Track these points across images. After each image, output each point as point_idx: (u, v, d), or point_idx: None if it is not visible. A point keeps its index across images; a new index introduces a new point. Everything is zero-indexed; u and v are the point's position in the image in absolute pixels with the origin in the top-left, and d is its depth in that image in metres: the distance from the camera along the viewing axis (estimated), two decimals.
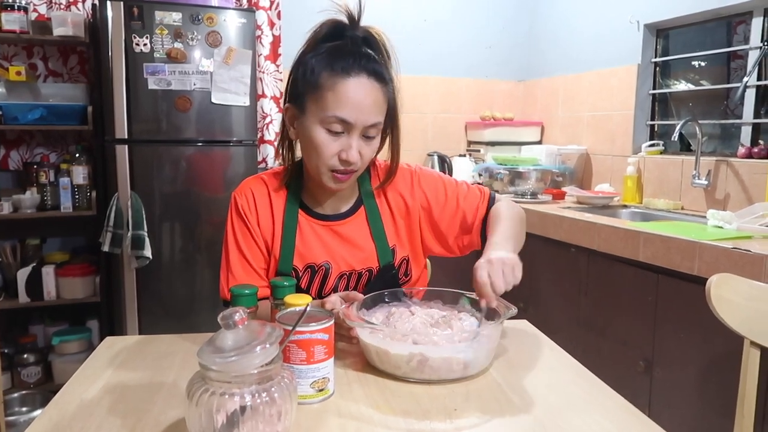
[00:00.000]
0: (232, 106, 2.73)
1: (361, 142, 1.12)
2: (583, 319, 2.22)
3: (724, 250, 1.63)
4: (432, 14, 3.58)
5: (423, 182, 1.28)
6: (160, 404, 0.89)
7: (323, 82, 1.09)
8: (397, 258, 1.26)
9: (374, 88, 1.10)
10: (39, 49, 2.90)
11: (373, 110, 1.10)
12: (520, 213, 1.29)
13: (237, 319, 0.74)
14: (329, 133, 1.11)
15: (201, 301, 2.79)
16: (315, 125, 1.11)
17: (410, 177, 1.28)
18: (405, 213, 1.28)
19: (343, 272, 1.24)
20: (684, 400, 1.80)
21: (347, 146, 1.10)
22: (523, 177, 2.89)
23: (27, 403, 2.70)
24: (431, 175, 1.31)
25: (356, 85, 1.08)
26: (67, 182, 2.73)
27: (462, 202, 1.27)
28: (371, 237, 1.25)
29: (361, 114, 1.09)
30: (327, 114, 1.09)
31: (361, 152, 1.12)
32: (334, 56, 1.10)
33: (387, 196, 1.27)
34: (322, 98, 1.09)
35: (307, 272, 1.23)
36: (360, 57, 1.10)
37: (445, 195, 1.28)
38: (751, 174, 2.27)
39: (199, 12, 2.64)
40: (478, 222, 1.26)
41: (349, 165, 1.12)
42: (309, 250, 1.23)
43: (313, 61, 1.11)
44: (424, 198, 1.28)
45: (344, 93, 1.08)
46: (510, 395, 0.93)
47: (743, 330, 1.19)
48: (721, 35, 2.65)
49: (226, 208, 1.28)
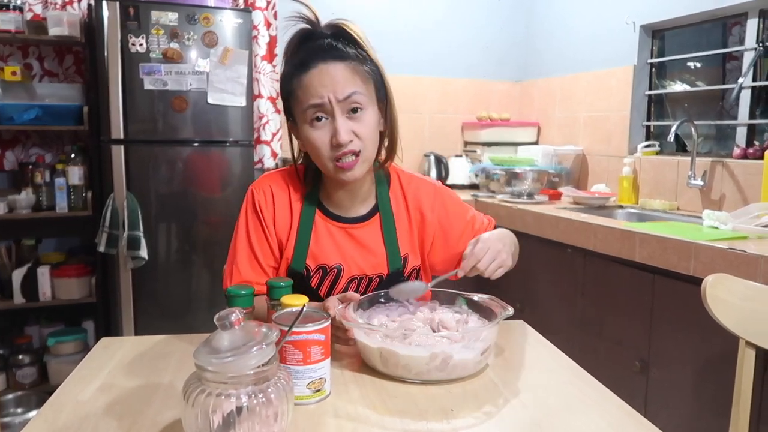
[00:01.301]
0: (229, 106, 2.73)
1: (349, 121, 1.12)
2: (579, 320, 2.22)
3: (719, 251, 1.64)
4: (429, 15, 3.58)
5: (446, 201, 1.31)
6: (156, 405, 0.89)
7: (293, 86, 1.14)
8: (407, 267, 1.27)
9: (339, 66, 1.11)
10: (34, 49, 2.89)
11: (343, 83, 1.10)
12: (514, 239, 1.31)
13: (233, 319, 0.74)
14: (314, 126, 1.13)
15: (197, 302, 2.78)
16: (303, 126, 1.15)
17: (433, 192, 1.30)
18: (421, 224, 1.29)
19: (353, 276, 1.24)
20: (680, 400, 1.81)
21: (334, 130, 1.11)
22: (519, 177, 2.90)
23: (22, 404, 2.69)
24: (455, 199, 1.33)
25: (318, 72, 1.10)
26: (63, 182, 2.72)
27: (477, 230, 1.31)
28: (384, 243, 1.25)
29: (331, 91, 1.10)
30: (304, 108, 1.12)
31: (354, 131, 1.12)
32: (296, 60, 1.14)
33: (407, 203, 1.28)
34: (297, 99, 1.14)
35: (318, 272, 1.23)
36: (318, 50, 1.12)
37: (464, 220, 1.31)
38: (747, 175, 2.28)
39: (196, 12, 2.63)
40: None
41: (342, 147, 1.11)
42: (322, 251, 1.23)
43: (285, 73, 1.17)
44: (445, 218, 1.30)
45: (309, 83, 1.11)
46: (507, 395, 0.93)
47: (738, 330, 1.20)
48: (717, 36, 2.66)
49: (222, 208, 1.28)
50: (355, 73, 1.12)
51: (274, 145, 3.19)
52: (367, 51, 1.15)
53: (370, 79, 1.14)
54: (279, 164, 3.19)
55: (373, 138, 1.16)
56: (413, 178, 1.31)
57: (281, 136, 3.21)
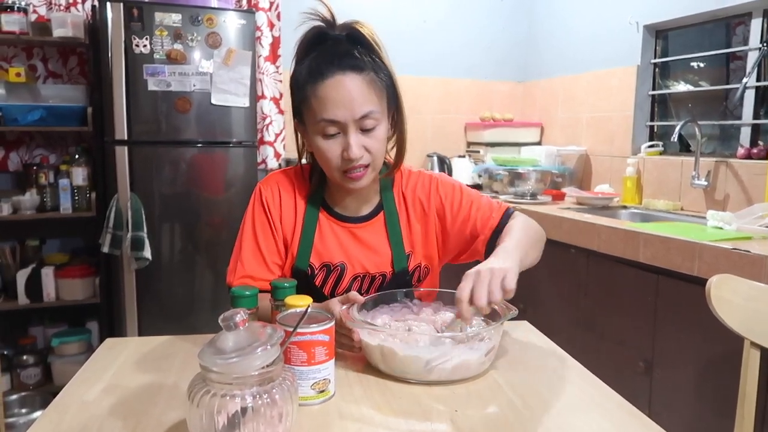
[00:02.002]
0: (232, 107, 2.73)
1: (361, 136, 1.12)
2: (583, 320, 2.22)
3: (723, 251, 1.63)
4: (431, 15, 3.58)
5: (441, 188, 1.28)
6: (160, 406, 0.89)
7: (307, 93, 1.11)
8: (411, 264, 1.26)
9: (357, 81, 1.09)
10: (39, 51, 2.90)
11: (360, 101, 1.09)
12: (536, 230, 1.26)
13: (238, 320, 0.74)
14: (326, 137, 1.12)
15: (201, 302, 2.78)
16: (313, 134, 1.14)
17: (429, 182, 1.29)
18: (422, 217, 1.28)
19: (357, 274, 1.25)
20: (684, 401, 1.81)
21: (346, 145, 1.11)
22: (522, 178, 2.89)
23: (26, 404, 2.70)
24: (450, 183, 1.31)
25: (335, 84, 1.09)
26: (67, 183, 2.73)
27: (474, 212, 1.26)
28: (388, 243, 1.25)
29: (347, 109, 1.09)
30: (317, 120, 1.11)
31: (366, 146, 1.12)
32: (312, 64, 1.11)
33: (406, 201, 1.28)
34: (310, 107, 1.12)
35: (322, 271, 1.24)
36: (334, 57, 1.10)
37: (460, 203, 1.27)
38: (751, 175, 2.27)
39: (199, 13, 2.64)
40: (487, 231, 1.24)
41: (353, 162, 1.12)
42: (326, 249, 1.23)
43: (298, 74, 1.14)
44: (440, 203, 1.27)
45: (325, 95, 1.09)
46: (511, 396, 0.93)
47: (743, 331, 1.20)
48: (720, 36, 2.65)
49: (225, 209, 1.28)
50: (372, 87, 1.11)
51: (277, 146, 3.19)
52: (381, 58, 1.14)
53: (383, 91, 1.14)
54: (282, 165, 3.20)
55: (383, 150, 1.17)
56: (412, 174, 1.30)
57: (284, 136, 3.21)
